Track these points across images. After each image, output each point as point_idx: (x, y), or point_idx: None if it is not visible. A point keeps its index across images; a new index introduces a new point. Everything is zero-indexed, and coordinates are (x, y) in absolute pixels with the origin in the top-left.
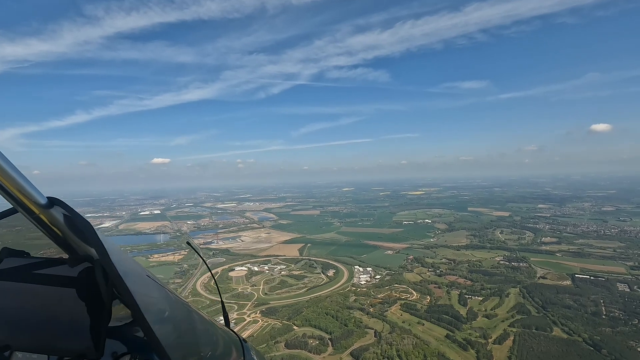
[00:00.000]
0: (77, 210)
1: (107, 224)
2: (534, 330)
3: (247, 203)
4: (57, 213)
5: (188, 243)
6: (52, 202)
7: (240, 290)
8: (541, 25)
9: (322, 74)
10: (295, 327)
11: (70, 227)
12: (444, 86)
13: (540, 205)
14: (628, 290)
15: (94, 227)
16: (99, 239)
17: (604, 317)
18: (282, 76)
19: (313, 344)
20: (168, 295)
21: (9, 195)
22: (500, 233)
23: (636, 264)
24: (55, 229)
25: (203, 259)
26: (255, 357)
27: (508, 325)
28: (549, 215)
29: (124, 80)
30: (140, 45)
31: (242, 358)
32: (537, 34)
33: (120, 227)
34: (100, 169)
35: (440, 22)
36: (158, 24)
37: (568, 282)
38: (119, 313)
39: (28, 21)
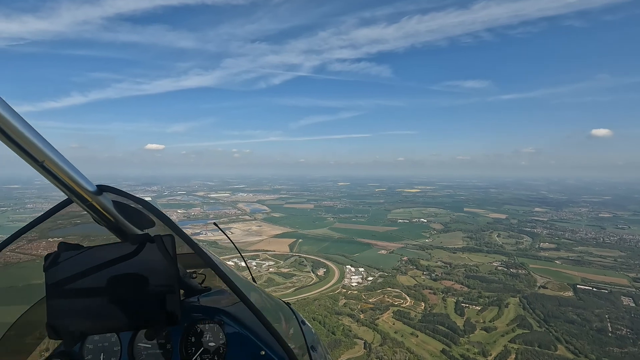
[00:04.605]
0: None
1: None
2: (537, 348)
3: (241, 194)
4: (107, 200)
5: (215, 224)
6: (102, 189)
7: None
8: (547, 27)
9: (324, 66)
10: None
11: (121, 211)
12: (445, 84)
13: (536, 209)
14: (633, 304)
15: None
16: (165, 215)
17: (610, 334)
18: (283, 67)
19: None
20: (230, 269)
21: (64, 186)
22: (497, 236)
23: (639, 275)
24: (107, 215)
25: (231, 240)
26: (301, 318)
27: (509, 341)
28: (546, 219)
29: (122, 64)
30: (141, 28)
31: (294, 317)
32: (542, 36)
33: None
34: (92, 153)
35: (447, 18)
36: (160, 7)
37: (570, 293)
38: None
39: None
